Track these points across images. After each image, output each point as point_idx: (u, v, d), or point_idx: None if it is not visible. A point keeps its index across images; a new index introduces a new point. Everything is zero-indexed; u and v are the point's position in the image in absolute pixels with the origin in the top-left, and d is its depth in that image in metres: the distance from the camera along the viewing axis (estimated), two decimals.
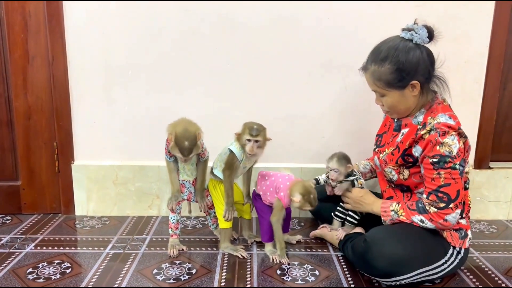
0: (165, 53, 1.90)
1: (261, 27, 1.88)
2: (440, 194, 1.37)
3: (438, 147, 1.35)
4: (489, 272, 1.57)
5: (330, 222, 1.76)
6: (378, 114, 1.72)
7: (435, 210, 1.38)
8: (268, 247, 1.66)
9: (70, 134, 1.97)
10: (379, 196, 1.66)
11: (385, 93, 1.44)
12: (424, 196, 1.42)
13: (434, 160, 1.36)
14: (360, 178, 1.66)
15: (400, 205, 1.47)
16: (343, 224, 1.71)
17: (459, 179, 1.37)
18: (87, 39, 1.88)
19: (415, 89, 1.41)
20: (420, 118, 1.46)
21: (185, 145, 1.49)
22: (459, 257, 1.46)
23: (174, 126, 1.56)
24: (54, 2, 1.83)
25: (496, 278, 1.52)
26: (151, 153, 2.00)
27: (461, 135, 1.38)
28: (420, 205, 1.42)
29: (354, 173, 1.66)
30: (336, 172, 1.62)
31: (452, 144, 1.35)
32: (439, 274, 1.43)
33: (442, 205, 1.37)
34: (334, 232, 1.70)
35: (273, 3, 1.85)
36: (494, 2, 1.87)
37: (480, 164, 2.04)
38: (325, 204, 1.71)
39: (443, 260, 1.43)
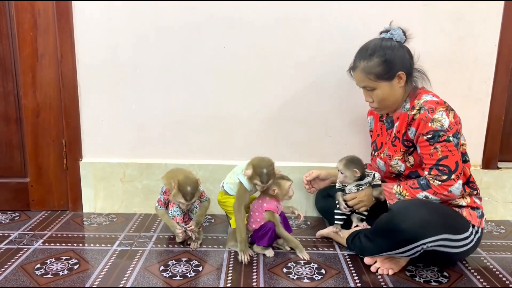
0: (172, 52, 1.91)
1: (267, 26, 1.88)
2: (440, 167, 1.45)
3: (430, 124, 1.45)
4: (497, 272, 1.56)
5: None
6: None
7: (439, 183, 1.46)
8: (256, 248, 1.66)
9: (78, 131, 1.98)
10: None
11: (376, 85, 1.53)
12: (426, 172, 1.49)
13: (429, 136, 1.45)
14: (369, 176, 1.64)
15: (402, 187, 1.54)
16: (346, 225, 1.70)
17: (455, 151, 1.45)
18: (95, 38, 1.89)
19: (401, 80, 1.52)
20: (408, 105, 1.55)
21: (188, 190, 1.58)
22: (477, 236, 1.51)
23: (171, 176, 1.63)
24: (63, 1, 1.84)
25: (504, 279, 1.51)
26: (158, 151, 2.01)
27: (448, 108, 1.47)
28: (422, 182, 1.50)
29: (367, 173, 1.64)
30: (342, 174, 1.63)
31: (442, 118, 1.45)
32: (460, 249, 1.46)
33: (444, 177, 1.45)
34: (341, 232, 1.69)
35: (279, 2, 1.86)
36: (503, 2, 1.86)
37: (488, 164, 2.03)
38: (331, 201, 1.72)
39: (467, 233, 1.46)
